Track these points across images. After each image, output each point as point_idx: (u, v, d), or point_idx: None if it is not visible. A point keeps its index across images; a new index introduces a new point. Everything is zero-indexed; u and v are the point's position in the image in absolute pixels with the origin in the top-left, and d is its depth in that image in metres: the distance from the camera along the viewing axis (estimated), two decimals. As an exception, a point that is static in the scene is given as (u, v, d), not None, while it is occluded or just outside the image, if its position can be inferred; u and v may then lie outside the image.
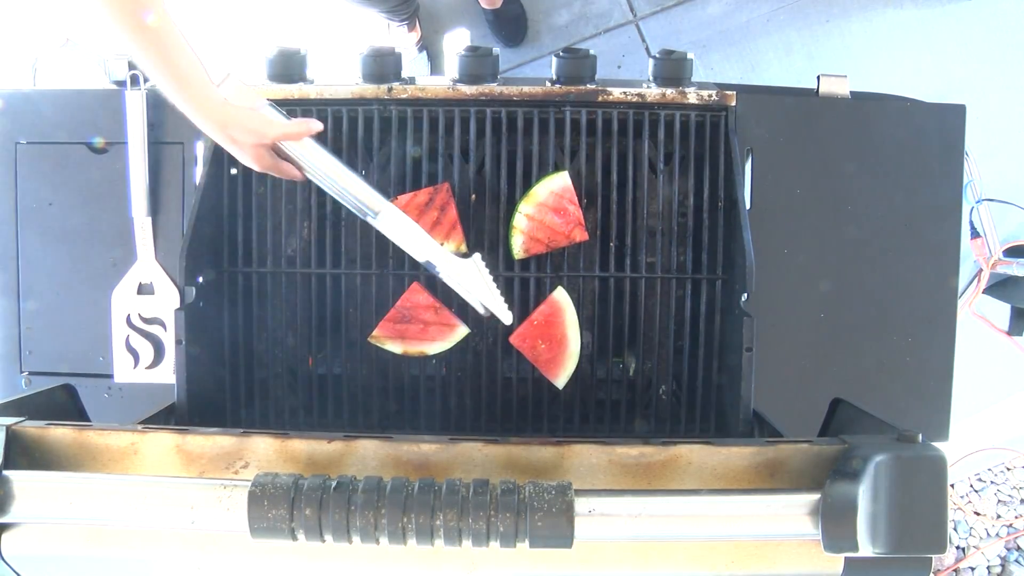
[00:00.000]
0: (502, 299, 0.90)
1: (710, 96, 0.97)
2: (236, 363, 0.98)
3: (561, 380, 0.97)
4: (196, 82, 0.78)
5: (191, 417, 0.89)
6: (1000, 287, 1.60)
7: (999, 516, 2.10)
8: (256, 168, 0.86)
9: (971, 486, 2.13)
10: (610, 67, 2.05)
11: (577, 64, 0.99)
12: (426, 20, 2.10)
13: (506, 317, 0.91)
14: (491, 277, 0.90)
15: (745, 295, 0.87)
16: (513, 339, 0.97)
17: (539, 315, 0.96)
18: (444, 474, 0.65)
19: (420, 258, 0.89)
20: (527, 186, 0.98)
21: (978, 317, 1.68)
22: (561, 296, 0.97)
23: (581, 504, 0.57)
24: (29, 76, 1.72)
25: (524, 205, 0.97)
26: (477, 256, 0.89)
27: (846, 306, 1.02)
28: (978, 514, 2.11)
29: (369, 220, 0.89)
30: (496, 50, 1.02)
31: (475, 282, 0.89)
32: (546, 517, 0.55)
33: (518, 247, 0.97)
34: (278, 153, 0.86)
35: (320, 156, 0.87)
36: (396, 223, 0.88)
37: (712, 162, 0.97)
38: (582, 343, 1.00)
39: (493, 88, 0.99)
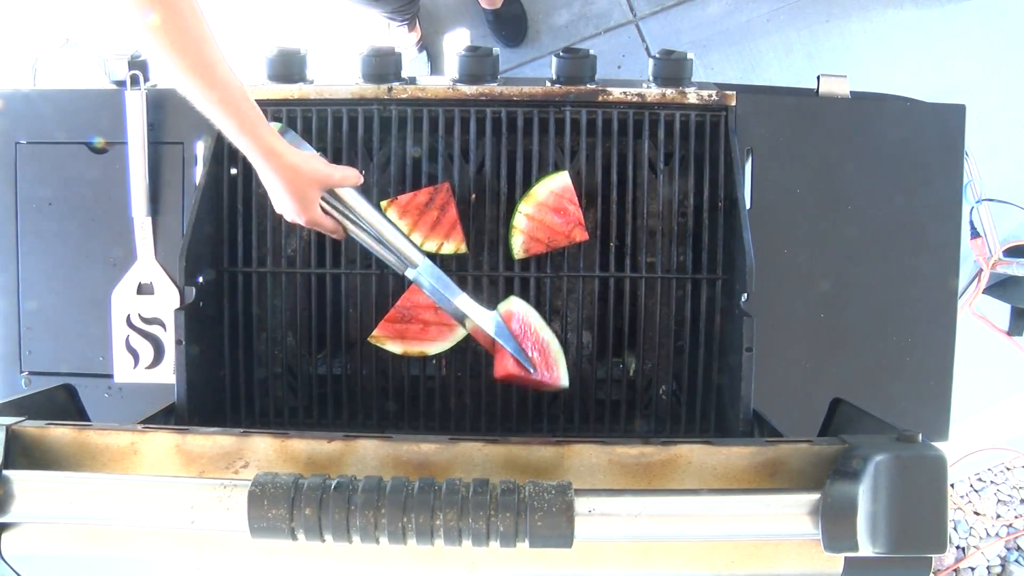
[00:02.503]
0: (526, 354, 0.93)
1: (710, 96, 0.97)
2: (236, 363, 0.98)
3: (564, 379, 0.96)
4: (265, 132, 0.80)
5: (191, 417, 0.89)
6: (1000, 287, 1.60)
7: (999, 516, 2.10)
8: (302, 219, 0.87)
9: (971, 486, 2.13)
10: (610, 67, 2.05)
11: (577, 64, 0.99)
12: (426, 20, 2.10)
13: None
14: (512, 335, 0.94)
15: (745, 295, 0.87)
16: (498, 375, 0.95)
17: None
18: (444, 474, 0.65)
19: (450, 310, 0.94)
20: (527, 186, 0.98)
21: (978, 317, 1.68)
22: (518, 305, 0.96)
23: (581, 504, 0.57)
24: (29, 76, 1.72)
25: (524, 205, 0.97)
26: (497, 312, 0.94)
27: (846, 306, 1.02)
28: (978, 514, 2.11)
29: (408, 274, 0.93)
30: (496, 50, 1.02)
31: (502, 334, 0.94)
32: (546, 517, 0.55)
33: (518, 247, 0.97)
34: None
35: (366, 208, 0.90)
36: (434, 275, 0.93)
37: (712, 162, 0.97)
38: (582, 343, 1.00)
39: (493, 88, 0.99)
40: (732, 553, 0.62)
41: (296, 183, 0.84)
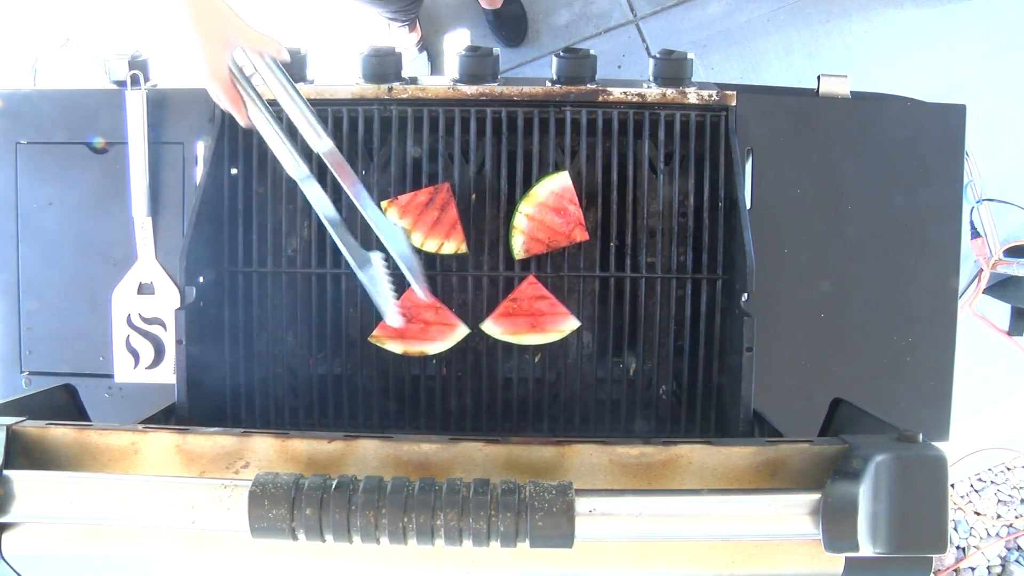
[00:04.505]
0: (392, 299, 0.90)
1: (710, 96, 0.97)
2: (236, 363, 0.98)
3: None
4: None
5: (191, 417, 0.89)
6: (1000, 287, 1.61)
7: (999, 516, 2.10)
8: (213, 82, 0.79)
9: (971, 486, 2.13)
10: (610, 67, 2.05)
11: (577, 64, 0.99)
12: (426, 20, 2.10)
13: (393, 320, 0.91)
14: (390, 279, 0.90)
15: (745, 295, 0.87)
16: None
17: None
18: (444, 474, 0.65)
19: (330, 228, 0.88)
20: (527, 186, 0.98)
21: (978, 317, 1.68)
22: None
23: (581, 504, 0.57)
24: (29, 76, 1.72)
25: (524, 205, 0.97)
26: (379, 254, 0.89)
27: (846, 306, 1.02)
28: (978, 514, 2.11)
29: (303, 184, 0.87)
30: (496, 50, 1.02)
31: (379, 277, 0.90)
32: (547, 517, 0.55)
33: (518, 247, 0.97)
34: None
35: (277, 86, 0.82)
36: (315, 194, 0.87)
37: (712, 162, 0.97)
38: (582, 343, 1.00)
39: (493, 88, 0.99)
40: (732, 553, 0.62)
41: (209, 27, 0.76)
